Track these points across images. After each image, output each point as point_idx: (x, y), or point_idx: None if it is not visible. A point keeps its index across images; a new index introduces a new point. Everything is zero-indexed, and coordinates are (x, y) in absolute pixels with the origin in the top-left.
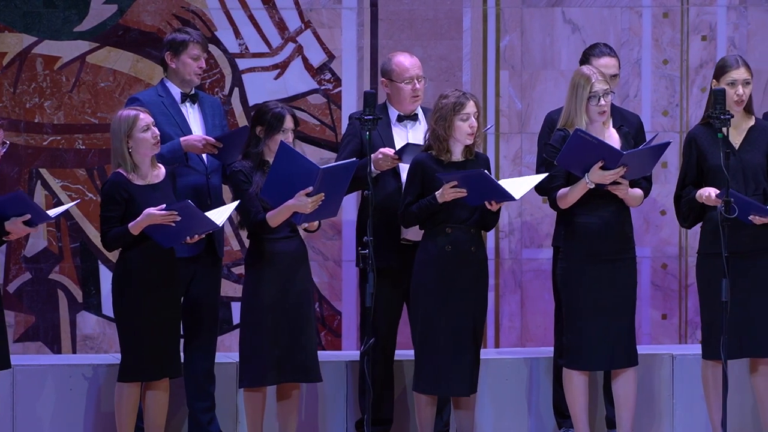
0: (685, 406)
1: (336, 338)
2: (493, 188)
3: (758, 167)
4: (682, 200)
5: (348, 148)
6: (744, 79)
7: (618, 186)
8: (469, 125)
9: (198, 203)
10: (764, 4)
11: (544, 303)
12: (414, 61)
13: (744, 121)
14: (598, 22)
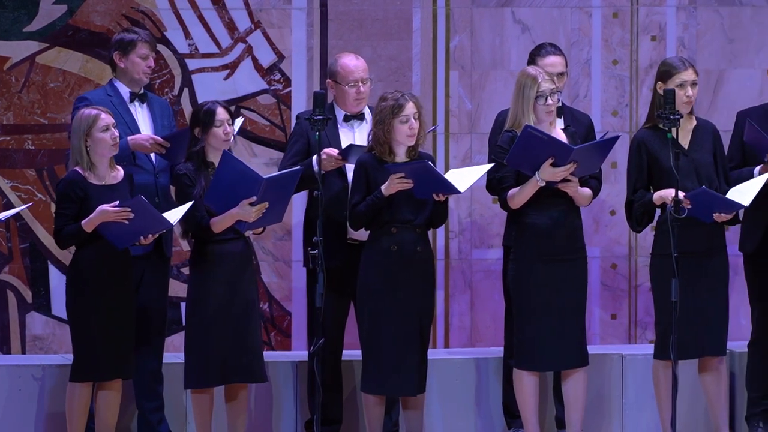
0: (634, 406)
1: (286, 338)
2: (438, 181)
3: (709, 166)
4: (635, 204)
5: (294, 148)
6: (692, 81)
7: (568, 183)
8: (409, 127)
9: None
10: (713, 5)
11: (494, 303)
12: (359, 64)
13: (688, 121)
14: (547, 23)
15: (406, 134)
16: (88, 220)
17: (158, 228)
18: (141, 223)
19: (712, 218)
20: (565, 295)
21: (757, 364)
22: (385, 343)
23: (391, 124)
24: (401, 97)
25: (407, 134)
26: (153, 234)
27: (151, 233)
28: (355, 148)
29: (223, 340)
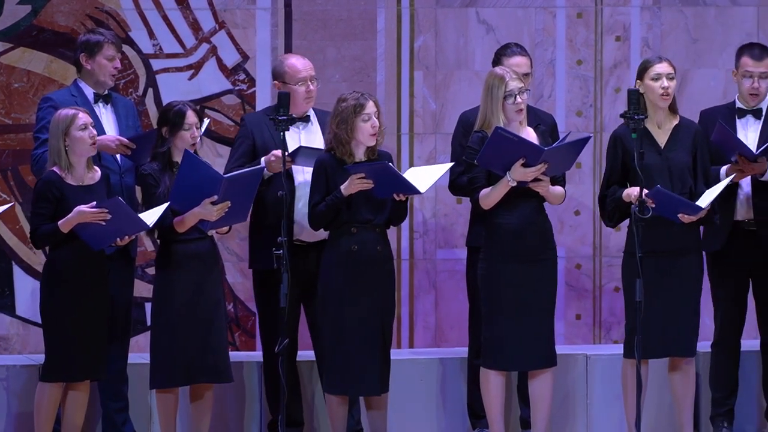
0: (599, 406)
1: (250, 339)
2: (398, 181)
3: (684, 166)
4: (607, 200)
5: (240, 150)
6: (668, 73)
7: (539, 183)
8: (371, 125)
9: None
10: (677, 5)
11: (459, 303)
12: (306, 63)
13: (669, 120)
14: (512, 23)
15: (369, 133)
16: (65, 220)
17: (135, 229)
18: (118, 224)
19: (677, 218)
20: (534, 295)
21: (720, 364)
22: (347, 344)
23: (354, 123)
24: (361, 96)
25: (370, 133)
26: (129, 235)
27: (127, 234)
28: (303, 150)
29: (189, 340)
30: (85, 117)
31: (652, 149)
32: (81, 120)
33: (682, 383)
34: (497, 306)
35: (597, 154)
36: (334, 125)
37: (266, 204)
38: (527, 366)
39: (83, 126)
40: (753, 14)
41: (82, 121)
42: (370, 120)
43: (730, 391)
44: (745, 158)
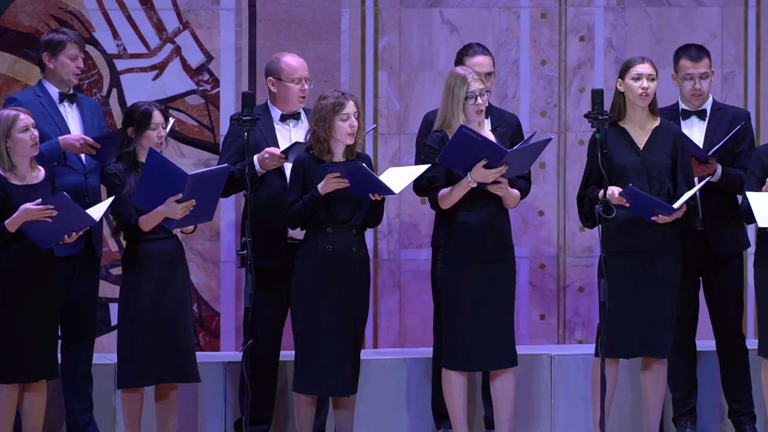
0: (563, 406)
1: (214, 339)
2: (372, 182)
3: (662, 167)
4: (585, 200)
5: (231, 149)
6: (649, 74)
7: (498, 185)
8: (350, 125)
9: (76, 203)
10: (641, 5)
11: (423, 303)
12: (302, 62)
13: (649, 121)
14: (476, 23)
15: (347, 132)
16: (11, 219)
17: (81, 225)
18: (64, 221)
19: (653, 220)
20: (494, 296)
21: (677, 364)
22: (318, 344)
23: (332, 121)
24: (341, 95)
25: (348, 132)
26: (77, 232)
27: (74, 231)
28: (298, 145)
29: (155, 340)
30: (26, 119)
31: (630, 150)
32: (22, 122)
33: (652, 384)
34: (457, 306)
35: (561, 154)
36: (312, 123)
37: (261, 202)
38: (488, 366)
39: (24, 128)
40: (717, 15)
41: (23, 123)
42: (349, 120)
43: (689, 391)
44: (696, 159)
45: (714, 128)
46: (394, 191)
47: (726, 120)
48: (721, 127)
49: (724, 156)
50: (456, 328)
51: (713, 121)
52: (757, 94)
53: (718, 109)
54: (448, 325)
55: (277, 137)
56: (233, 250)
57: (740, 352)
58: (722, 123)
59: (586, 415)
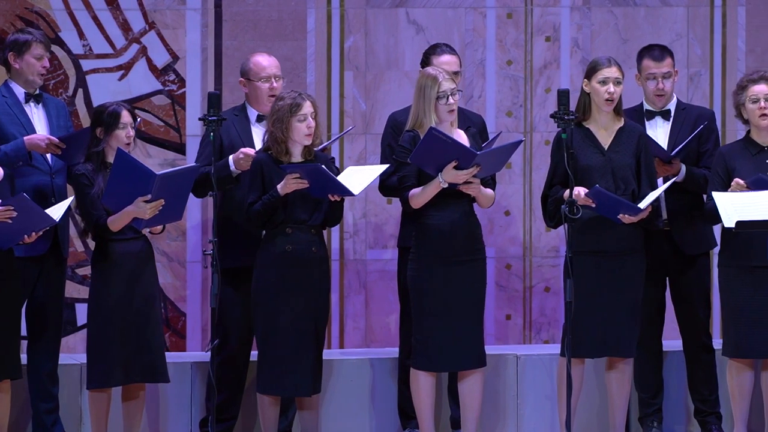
0: (529, 406)
1: (180, 339)
2: (332, 183)
3: (627, 168)
4: (549, 200)
5: (207, 150)
6: (615, 78)
7: (470, 185)
8: (307, 125)
9: (42, 203)
10: (607, 5)
11: (389, 304)
12: (272, 61)
13: (613, 122)
14: (442, 23)
15: (304, 133)
16: None
17: (42, 225)
18: (24, 221)
19: (618, 220)
20: (463, 296)
21: (644, 364)
22: (280, 344)
23: (289, 122)
24: (298, 96)
25: (305, 133)
26: (36, 232)
27: (34, 231)
28: None
29: (125, 340)
30: None
31: (595, 150)
32: None
33: (618, 383)
34: (427, 306)
35: (527, 154)
36: (270, 124)
37: (234, 202)
38: (457, 366)
39: None
40: (683, 15)
41: None
42: (306, 120)
43: (656, 392)
44: (659, 160)
45: (678, 128)
46: (354, 193)
47: (690, 120)
48: (686, 127)
49: (689, 156)
50: (425, 328)
51: (677, 122)
52: (723, 94)
53: (683, 110)
54: (417, 325)
55: (253, 138)
56: (199, 250)
57: (707, 352)
58: (686, 123)
59: (552, 415)
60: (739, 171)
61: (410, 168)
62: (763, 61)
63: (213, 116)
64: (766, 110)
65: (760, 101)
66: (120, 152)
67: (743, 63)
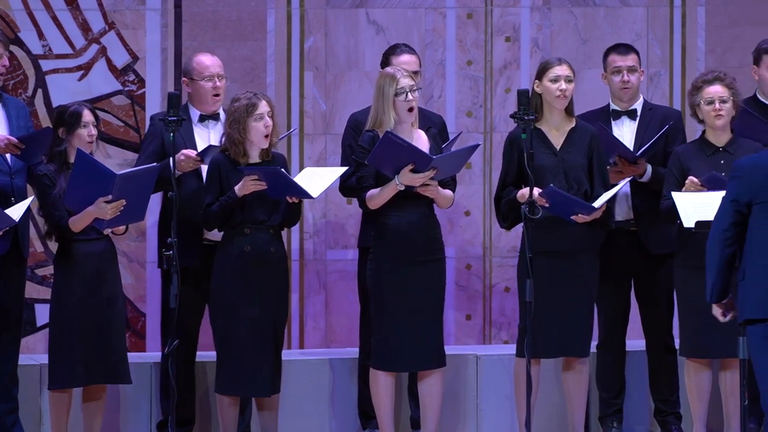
0: (489, 406)
1: (140, 340)
2: (290, 186)
3: (580, 168)
4: (502, 200)
5: (149, 149)
6: (566, 76)
7: (427, 187)
8: (264, 125)
9: (2, 203)
10: (567, 5)
11: (349, 304)
12: (215, 60)
13: (565, 122)
14: (402, 23)
15: (262, 133)
16: None
17: (1, 225)
18: None
19: (572, 219)
20: (422, 297)
21: (606, 364)
22: (239, 344)
23: (246, 123)
24: (254, 96)
25: (263, 133)
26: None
27: None
28: (213, 148)
29: (87, 341)
30: None
31: (547, 151)
32: None
33: (575, 383)
34: (386, 307)
35: (487, 154)
36: (227, 125)
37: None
38: (416, 367)
39: None
40: (642, 15)
41: None
42: (263, 120)
43: (618, 392)
44: (625, 160)
45: (645, 128)
46: (312, 196)
47: (657, 120)
48: (652, 127)
49: (656, 156)
50: (385, 329)
51: (644, 121)
52: (683, 94)
53: (649, 109)
54: (377, 325)
55: (195, 138)
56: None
57: (669, 352)
58: (653, 123)
59: (512, 415)
60: (694, 171)
61: (368, 169)
62: (723, 61)
63: (173, 116)
64: (721, 111)
65: (715, 103)
66: (80, 153)
67: (703, 63)
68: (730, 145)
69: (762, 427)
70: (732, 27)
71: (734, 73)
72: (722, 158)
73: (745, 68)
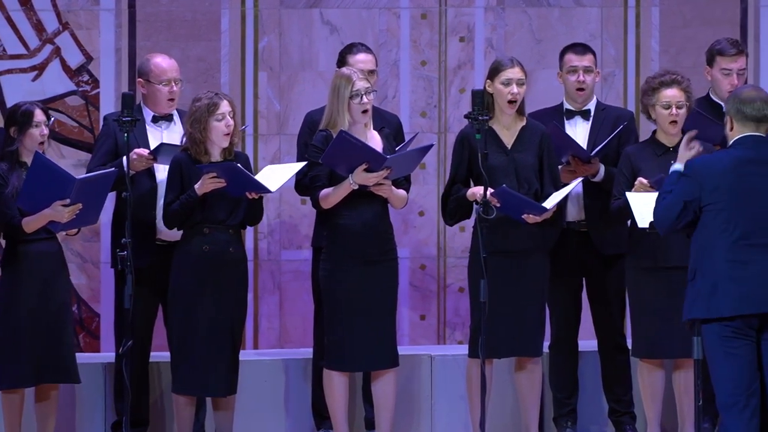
0: (444, 406)
1: (94, 340)
2: (248, 181)
3: (530, 167)
4: (450, 198)
5: (102, 149)
6: (518, 79)
7: (381, 186)
8: (225, 124)
9: None
10: (521, 6)
11: (303, 304)
12: (172, 63)
13: (516, 121)
14: (356, 23)
15: (223, 132)
16: None
17: None
18: None
19: (522, 219)
20: (375, 297)
21: (559, 364)
22: (197, 344)
23: (208, 122)
24: (215, 96)
25: (224, 132)
26: None
27: None
28: (165, 147)
29: (36, 340)
30: None
31: (498, 150)
32: None
33: (528, 383)
34: (339, 307)
35: (441, 154)
36: (188, 125)
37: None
38: (370, 367)
39: None
40: (597, 15)
41: None
42: (224, 119)
43: (571, 392)
44: (578, 159)
45: (598, 128)
46: (271, 190)
47: (610, 120)
48: (605, 127)
49: (608, 156)
50: (338, 329)
51: (597, 122)
52: (637, 94)
53: (602, 110)
54: (330, 325)
55: (148, 139)
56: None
57: (621, 352)
58: (606, 123)
59: (466, 415)
60: (644, 171)
61: (322, 168)
62: (677, 62)
63: (127, 117)
64: (677, 117)
65: (672, 107)
66: (38, 156)
67: (657, 63)
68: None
69: (716, 428)
70: (686, 27)
71: (688, 73)
72: (672, 158)
73: (698, 68)
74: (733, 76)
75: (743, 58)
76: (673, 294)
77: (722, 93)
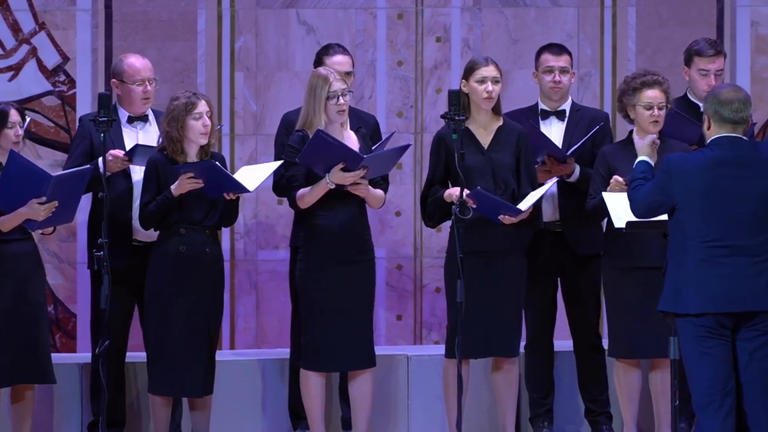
0: (420, 407)
1: (71, 340)
2: (226, 181)
3: (507, 167)
4: (428, 199)
5: (78, 150)
6: (493, 77)
7: (358, 186)
8: (203, 124)
9: None
10: (498, 6)
11: (280, 304)
12: (146, 63)
13: (493, 121)
14: (332, 24)
15: (200, 131)
16: None
17: None
18: None
19: (498, 220)
20: (352, 297)
21: (535, 365)
22: (173, 344)
23: (185, 121)
24: (193, 95)
25: (201, 131)
26: None
27: None
28: (140, 148)
29: (11, 341)
30: None
31: (475, 150)
32: None
33: (504, 384)
34: (316, 307)
35: (418, 155)
36: (165, 124)
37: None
38: (347, 367)
39: None
40: (573, 15)
41: None
42: (201, 119)
43: (547, 392)
44: (554, 159)
45: (573, 129)
46: (249, 189)
47: (585, 121)
48: (580, 128)
49: (583, 157)
50: (314, 329)
51: (572, 122)
52: (613, 95)
53: (577, 110)
54: (307, 325)
55: (123, 139)
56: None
57: (597, 352)
58: (581, 123)
59: (443, 416)
60: (620, 171)
61: (299, 168)
62: (654, 62)
63: (103, 117)
64: (659, 118)
65: (653, 108)
66: (13, 154)
67: (633, 63)
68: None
69: (693, 428)
70: (662, 27)
71: (664, 73)
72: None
73: (675, 68)
74: (711, 77)
75: (721, 59)
76: (649, 294)
77: (700, 93)
